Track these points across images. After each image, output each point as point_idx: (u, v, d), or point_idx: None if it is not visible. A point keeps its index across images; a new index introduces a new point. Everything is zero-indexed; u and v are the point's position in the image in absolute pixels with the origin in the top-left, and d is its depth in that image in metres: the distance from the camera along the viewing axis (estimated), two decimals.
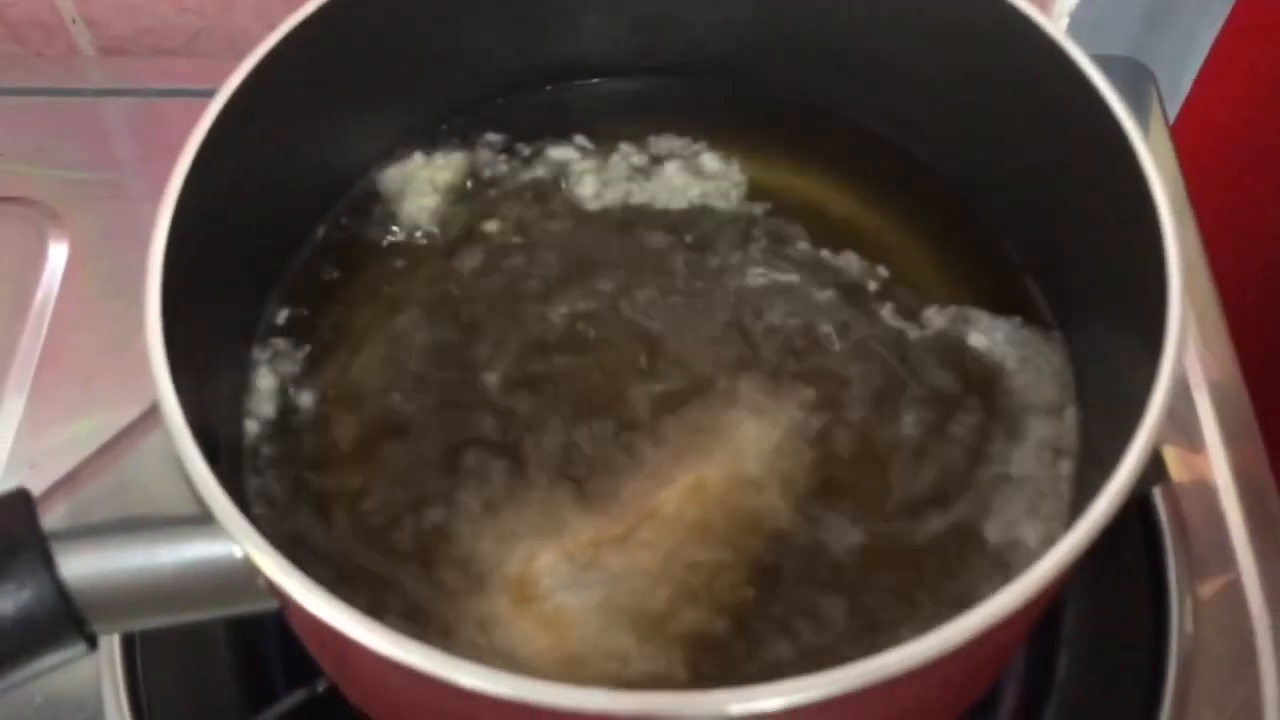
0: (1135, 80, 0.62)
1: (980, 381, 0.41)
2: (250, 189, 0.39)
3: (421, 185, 0.46)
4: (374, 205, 0.46)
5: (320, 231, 0.45)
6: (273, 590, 0.31)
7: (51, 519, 0.31)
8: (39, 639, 0.31)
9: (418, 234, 0.45)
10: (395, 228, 0.45)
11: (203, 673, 0.45)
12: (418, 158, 0.46)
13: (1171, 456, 0.50)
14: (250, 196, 0.40)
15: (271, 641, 0.46)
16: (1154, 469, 0.45)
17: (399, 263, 0.44)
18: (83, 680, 0.45)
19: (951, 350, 0.41)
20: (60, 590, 0.30)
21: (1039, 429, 0.40)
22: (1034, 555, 0.30)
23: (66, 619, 0.30)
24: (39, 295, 0.57)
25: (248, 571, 0.30)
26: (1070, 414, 0.40)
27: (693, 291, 0.43)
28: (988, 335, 0.42)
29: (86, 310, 0.57)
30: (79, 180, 0.61)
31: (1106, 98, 0.37)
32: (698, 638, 0.35)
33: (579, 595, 0.36)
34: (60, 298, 0.57)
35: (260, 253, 0.42)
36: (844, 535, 0.37)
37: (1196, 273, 0.56)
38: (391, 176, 0.46)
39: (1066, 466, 0.39)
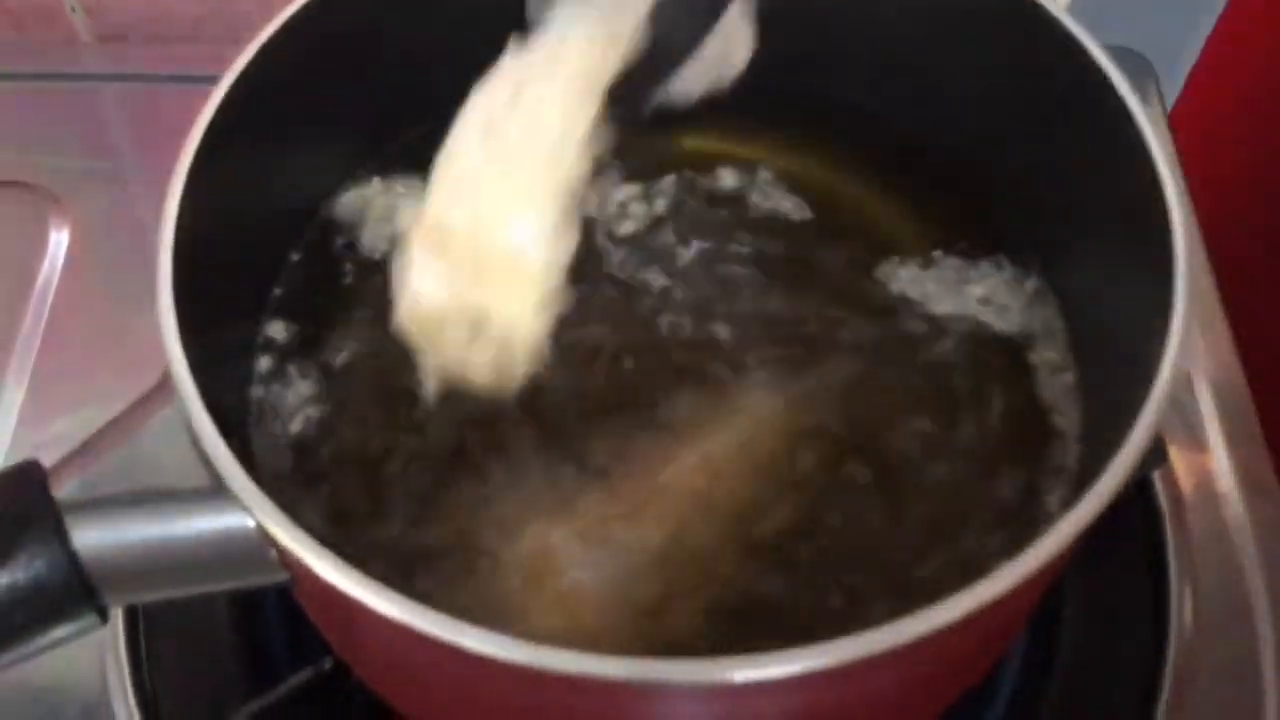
0: (1134, 71, 0.62)
1: (985, 352, 0.41)
2: (258, 168, 0.40)
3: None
4: (379, 191, 0.46)
5: (327, 212, 0.45)
6: (285, 561, 0.31)
7: (64, 491, 0.31)
8: (51, 610, 0.31)
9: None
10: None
11: (207, 653, 0.45)
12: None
13: (1173, 448, 0.50)
14: (259, 176, 0.40)
15: (275, 622, 0.46)
16: (1154, 453, 0.45)
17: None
18: (86, 661, 0.45)
19: (956, 322, 0.42)
20: (73, 561, 0.30)
21: (1044, 397, 0.40)
22: (1042, 524, 0.30)
23: (79, 590, 0.31)
24: (40, 281, 0.57)
25: (260, 542, 0.31)
26: (1072, 383, 0.40)
27: (691, 275, 0.43)
28: (994, 308, 0.42)
29: (88, 295, 0.57)
30: (80, 166, 0.61)
31: (1113, 80, 0.37)
32: (709, 609, 0.36)
33: (591, 572, 0.36)
34: (61, 283, 0.57)
35: (268, 232, 0.43)
36: (849, 506, 0.38)
37: (1196, 264, 0.56)
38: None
39: (1071, 436, 0.39)
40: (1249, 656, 0.46)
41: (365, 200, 0.46)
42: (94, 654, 0.45)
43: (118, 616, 0.45)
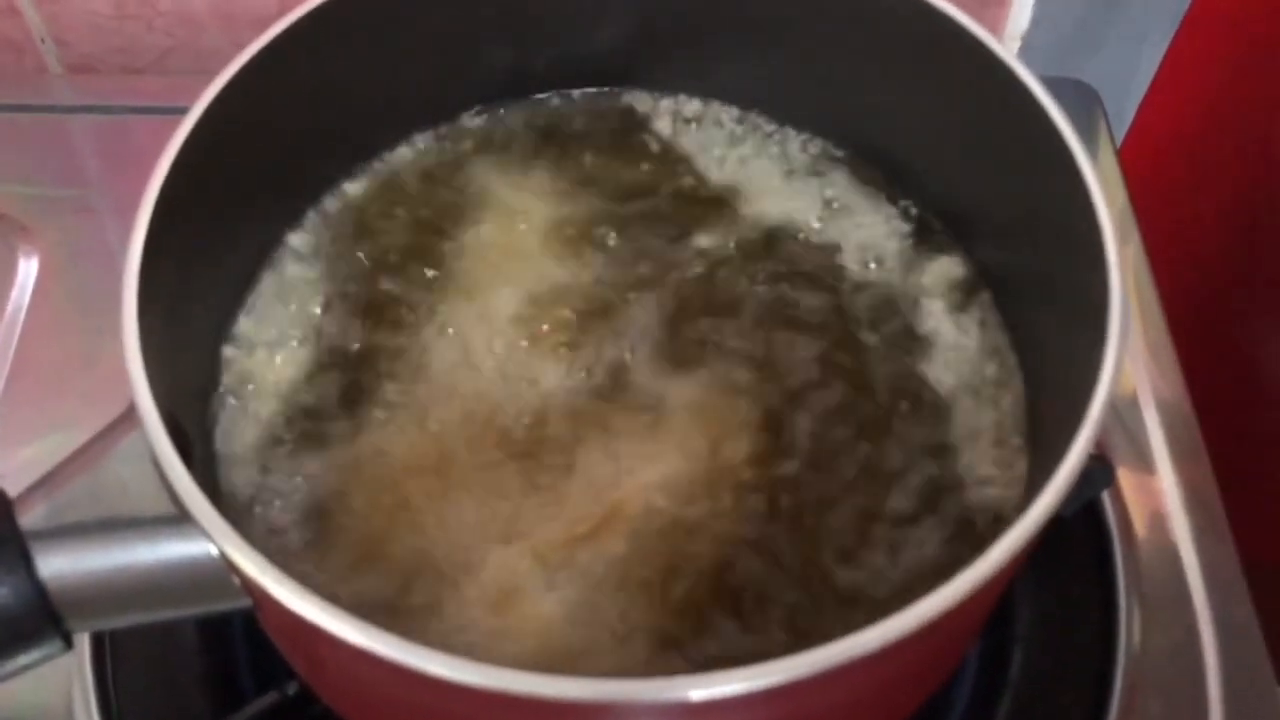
0: (1083, 103, 0.64)
1: (928, 370, 0.42)
2: (224, 197, 0.40)
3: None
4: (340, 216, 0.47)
5: (293, 240, 0.46)
6: (248, 588, 0.31)
7: (29, 519, 0.32)
8: (17, 637, 0.31)
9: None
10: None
11: (173, 678, 0.45)
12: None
13: (1121, 469, 0.52)
14: (224, 204, 0.40)
15: (240, 646, 0.46)
16: (1103, 474, 0.47)
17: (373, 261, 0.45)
18: (53, 688, 0.45)
19: (905, 347, 0.43)
20: (38, 588, 0.31)
21: (988, 419, 0.41)
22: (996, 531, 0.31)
23: (44, 617, 0.31)
24: (9, 309, 0.58)
25: (223, 570, 0.31)
26: (1019, 407, 0.42)
27: (640, 287, 0.44)
28: (941, 335, 0.43)
29: (56, 324, 0.57)
30: (49, 195, 0.62)
31: (1054, 118, 0.38)
32: (670, 628, 0.36)
33: (554, 595, 0.37)
34: (30, 311, 0.57)
35: (233, 261, 0.43)
36: (804, 518, 0.39)
37: (1144, 292, 0.58)
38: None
39: (1017, 460, 0.41)
40: (1195, 673, 0.47)
41: (329, 228, 0.46)
42: (61, 681, 0.45)
43: (84, 643, 0.45)
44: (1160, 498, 0.51)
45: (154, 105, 0.65)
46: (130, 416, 0.33)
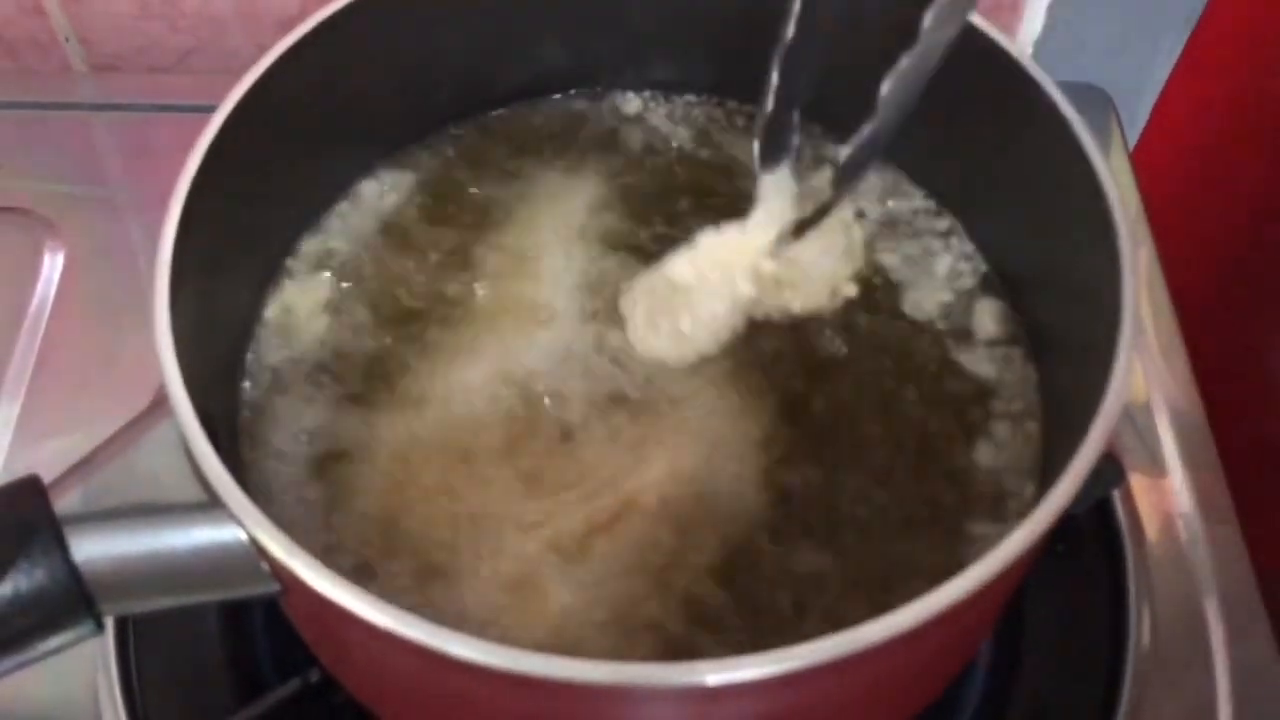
0: (1096, 107, 0.64)
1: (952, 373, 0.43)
2: (251, 192, 0.41)
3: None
4: (362, 215, 0.47)
5: (315, 237, 0.46)
6: (276, 572, 0.32)
7: (64, 504, 0.33)
8: (51, 618, 0.32)
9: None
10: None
11: (196, 667, 0.46)
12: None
13: (1133, 472, 0.52)
14: (251, 199, 0.41)
15: (262, 635, 0.47)
16: (1113, 473, 0.47)
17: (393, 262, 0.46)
18: (78, 677, 0.46)
19: (916, 342, 0.44)
20: (72, 571, 0.32)
21: (1000, 416, 0.42)
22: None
23: (77, 599, 0.32)
24: (34, 304, 0.58)
25: (252, 555, 0.32)
26: (1032, 407, 0.42)
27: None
28: (952, 330, 0.44)
29: (81, 319, 0.58)
30: (74, 192, 0.63)
31: (1070, 121, 0.38)
32: (685, 616, 0.37)
33: (570, 583, 0.37)
34: (56, 306, 0.58)
35: (260, 254, 0.44)
36: (817, 514, 0.39)
37: (1156, 295, 0.58)
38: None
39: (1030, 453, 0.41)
40: (1204, 674, 0.47)
41: (354, 220, 0.47)
42: (86, 671, 0.46)
43: (108, 633, 0.46)
44: (1171, 500, 0.52)
45: (177, 104, 0.66)
46: (160, 406, 0.34)
